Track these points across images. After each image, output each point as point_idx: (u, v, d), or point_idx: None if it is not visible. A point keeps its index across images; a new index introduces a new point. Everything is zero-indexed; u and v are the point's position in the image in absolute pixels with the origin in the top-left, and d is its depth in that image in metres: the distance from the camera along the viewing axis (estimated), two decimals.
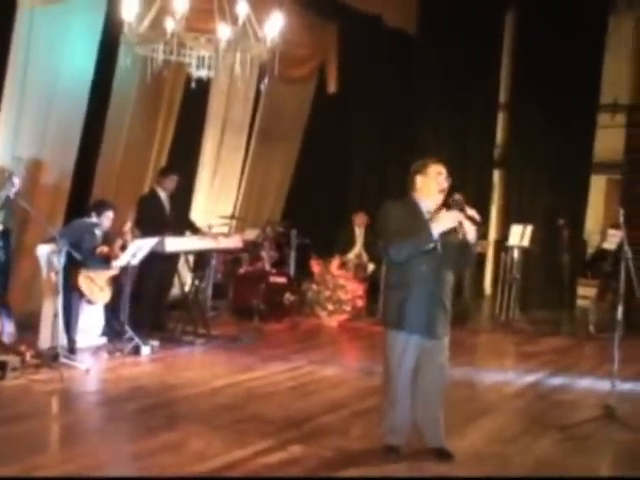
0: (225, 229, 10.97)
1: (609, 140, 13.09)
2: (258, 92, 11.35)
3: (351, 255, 11.85)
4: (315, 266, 10.94)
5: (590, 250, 12.69)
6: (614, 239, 10.53)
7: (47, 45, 8.64)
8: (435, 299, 5.27)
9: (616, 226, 9.53)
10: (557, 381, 8.30)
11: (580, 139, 13.07)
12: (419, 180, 5.31)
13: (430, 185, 5.29)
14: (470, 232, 5.20)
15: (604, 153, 13.12)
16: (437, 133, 13.14)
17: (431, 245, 5.09)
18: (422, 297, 5.23)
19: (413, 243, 5.16)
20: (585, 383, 8.23)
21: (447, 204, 5.27)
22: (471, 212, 5.22)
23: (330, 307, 10.69)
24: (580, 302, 12.15)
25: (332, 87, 12.05)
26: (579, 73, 12.82)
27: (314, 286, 10.86)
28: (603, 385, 7.30)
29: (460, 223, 5.18)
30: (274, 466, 5.19)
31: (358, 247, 11.99)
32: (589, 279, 11.72)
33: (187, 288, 9.93)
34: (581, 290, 12.03)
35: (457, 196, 5.29)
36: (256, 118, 12.02)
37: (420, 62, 13.01)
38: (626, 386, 7.71)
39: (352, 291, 10.81)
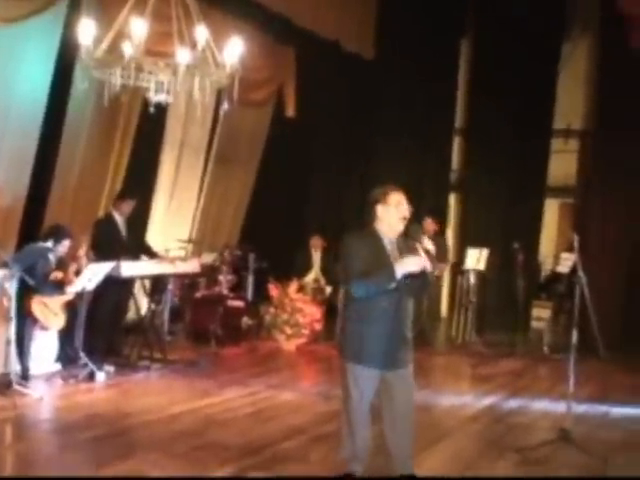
0: (182, 253, 10.92)
1: (562, 165, 13.25)
2: (216, 115, 11.35)
3: (308, 279, 11.85)
4: (273, 290, 10.90)
5: (544, 273, 12.82)
6: (567, 262, 10.66)
7: (1, 67, 8.54)
8: (395, 333, 5.24)
9: (569, 250, 9.67)
10: (513, 404, 8.36)
11: (534, 164, 13.22)
12: (380, 210, 5.24)
13: (391, 214, 5.23)
14: (427, 262, 5.21)
15: (557, 178, 13.28)
16: (394, 157, 13.21)
17: (393, 285, 5.08)
18: (382, 333, 5.18)
19: (375, 283, 5.12)
20: (540, 405, 8.31)
21: (406, 232, 5.28)
22: (427, 244, 5.25)
23: (288, 331, 10.66)
24: (535, 324, 12.27)
25: (290, 110, 12.07)
26: (533, 98, 12.99)
27: (272, 310, 10.82)
28: (558, 407, 7.37)
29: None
30: None
31: (315, 270, 12.00)
32: (543, 301, 11.85)
33: (143, 312, 9.84)
34: (536, 312, 12.14)
35: (414, 227, 5.32)
36: (213, 141, 12.01)
37: (377, 87, 13.10)
38: (581, 408, 7.81)
39: (310, 315, 10.79)
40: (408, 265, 5.10)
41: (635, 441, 7.18)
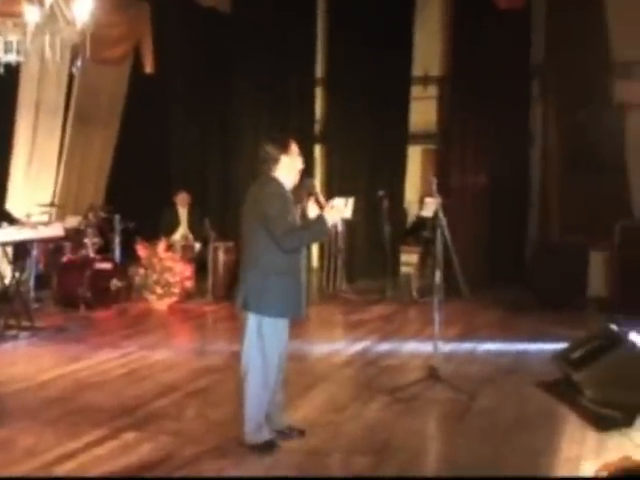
0: (45, 217, 10.65)
1: (423, 111, 13.48)
2: (71, 75, 11.04)
3: (177, 236, 11.78)
4: (141, 250, 10.78)
5: (410, 219, 13.11)
6: (431, 207, 10.88)
7: None
8: (303, 282, 5.35)
9: (433, 194, 9.92)
10: (384, 347, 8.60)
11: (396, 111, 13.38)
12: (284, 160, 5.21)
13: (293, 165, 5.25)
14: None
15: (419, 124, 13.51)
16: (256, 111, 13.21)
17: (325, 237, 5.16)
18: (300, 282, 5.28)
19: (312, 236, 5.26)
20: (410, 347, 8.56)
21: (300, 185, 5.34)
22: (320, 197, 5.33)
23: (159, 290, 10.58)
24: (403, 269, 12.55)
25: (148, 67, 11.86)
26: (391, 46, 13.07)
27: (141, 270, 10.71)
28: (427, 348, 7.58)
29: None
30: (107, 455, 5.16)
31: (183, 228, 11.93)
32: (410, 246, 12.12)
33: (7, 281, 9.57)
34: (403, 257, 12.40)
35: (309, 181, 5.39)
36: (71, 102, 11.70)
37: (236, 40, 13.02)
38: (449, 347, 8.10)
39: (180, 273, 10.73)
40: (335, 216, 5.20)
41: (500, 375, 7.50)
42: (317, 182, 5.56)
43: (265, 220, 5.09)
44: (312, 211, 5.34)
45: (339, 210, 5.24)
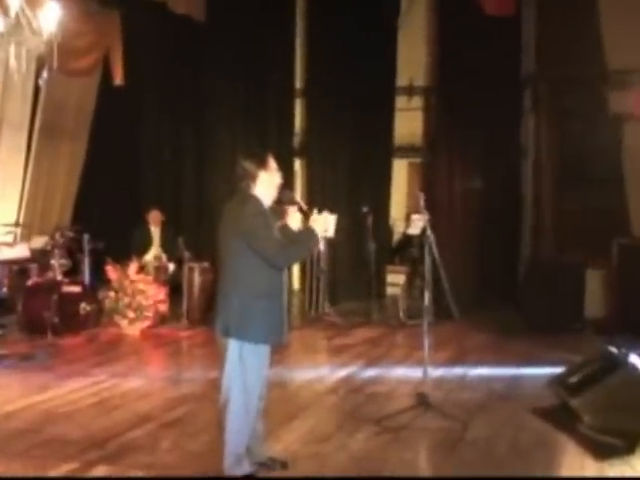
0: (9, 238, 10.59)
1: (408, 123, 13.53)
2: (37, 87, 11.03)
3: (149, 257, 11.72)
4: (111, 272, 10.73)
5: (396, 237, 13.11)
6: (418, 224, 10.88)
7: None
8: (285, 305, 5.34)
9: (419, 211, 9.93)
10: (370, 373, 8.59)
11: (379, 123, 13.43)
12: (263, 176, 5.23)
13: (272, 181, 5.27)
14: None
15: (404, 137, 13.55)
16: (232, 123, 13.18)
17: (315, 250, 5.16)
18: (282, 306, 5.27)
19: (303, 247, 5.27)
20: (398, 372, 8.55)
21: (279, 199, 5.35)
22: (303, 204, 5.38)
23: (130, 314, 10.52)
24: (390, 290, 12.54)
25: (118, 79, 11.86)
26: (374, 56, 13.15)
27: (112, 293, 10.65)
28: (416, 373, 7.58)
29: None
30: None
31: (156, 247, 11.87)
32: (397, 266, 12.12)
33: None
34: (390, 278, 12.40)
35: (289, 192, 5.40)
36: (37, 115, 11.67)
37: (211, 50, 13.03)
38: (437, 372, 8.10)
39: (153, 296, 10.68)
40: (321, 226, 5.22)
41: (493, 401, 7.50)
42: (297, 195, 5.55)
43: (249, 241, 5.07)
44: (294, 221, 5.37)
45: (324, 220, 5.24)
